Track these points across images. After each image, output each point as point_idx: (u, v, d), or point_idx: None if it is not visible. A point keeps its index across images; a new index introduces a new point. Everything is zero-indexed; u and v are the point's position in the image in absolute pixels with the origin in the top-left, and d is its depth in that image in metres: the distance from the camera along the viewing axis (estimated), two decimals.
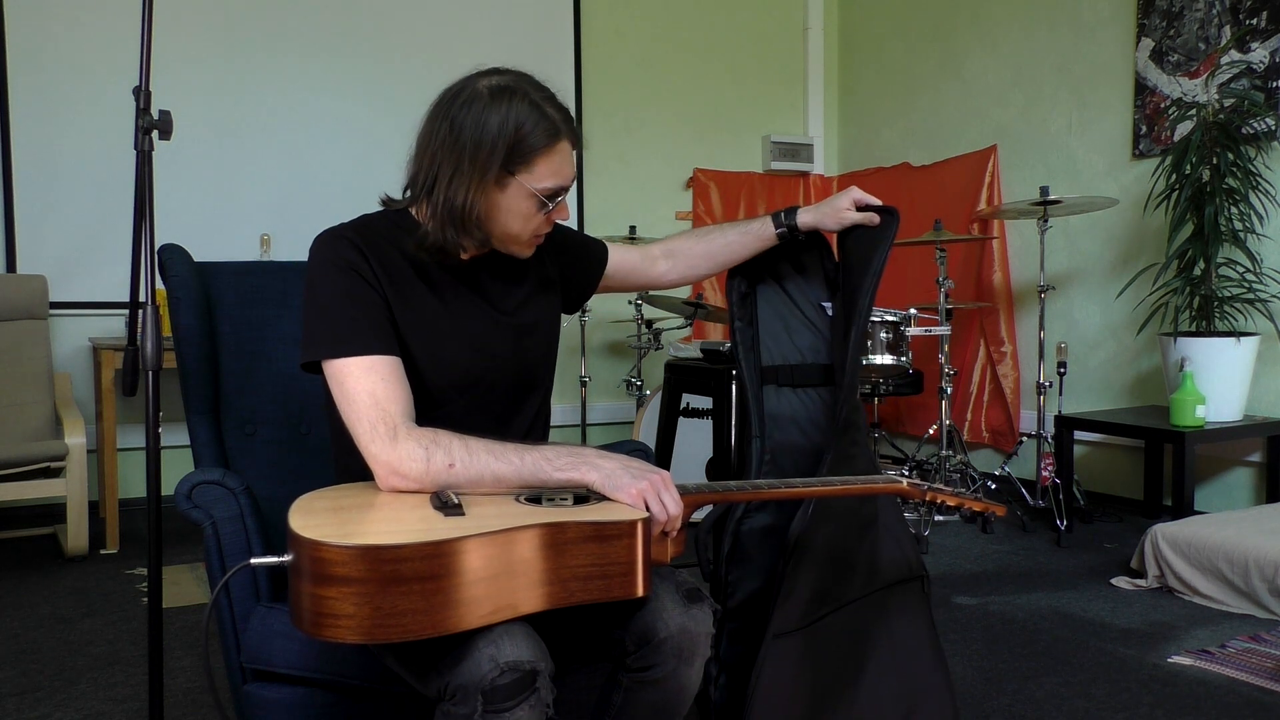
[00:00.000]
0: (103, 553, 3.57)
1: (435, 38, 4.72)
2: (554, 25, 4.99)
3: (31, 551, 3.63)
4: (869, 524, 1.82)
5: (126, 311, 2.73)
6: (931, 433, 4.36)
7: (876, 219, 1.79)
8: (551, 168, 1.40)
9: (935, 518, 3.89)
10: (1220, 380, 3.48)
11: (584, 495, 1.31)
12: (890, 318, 3.17)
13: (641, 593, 1.22)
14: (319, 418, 1.82)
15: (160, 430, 1.59)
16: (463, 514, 1.20)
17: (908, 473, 3.91)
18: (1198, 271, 3.56)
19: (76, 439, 3.46)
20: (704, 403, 3.13)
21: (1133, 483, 4.09)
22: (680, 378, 3.06)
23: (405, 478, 1.29)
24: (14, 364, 3.71)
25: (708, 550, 1.85)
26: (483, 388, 1.49)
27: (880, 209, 1.80)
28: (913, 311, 3.32)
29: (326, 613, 1.09)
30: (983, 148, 4.71)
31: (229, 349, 1.85)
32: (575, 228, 4.17)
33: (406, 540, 1.09)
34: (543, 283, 1.60)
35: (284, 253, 4.24)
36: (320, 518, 1.18)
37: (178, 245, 1.83)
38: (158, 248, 1.74)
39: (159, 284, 1.68)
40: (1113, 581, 3.08)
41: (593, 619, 1.34)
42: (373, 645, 1.31)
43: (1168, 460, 3.85)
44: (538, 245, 1.51)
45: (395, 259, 1.43)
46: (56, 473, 3.44)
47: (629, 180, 5.21)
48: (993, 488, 4.12)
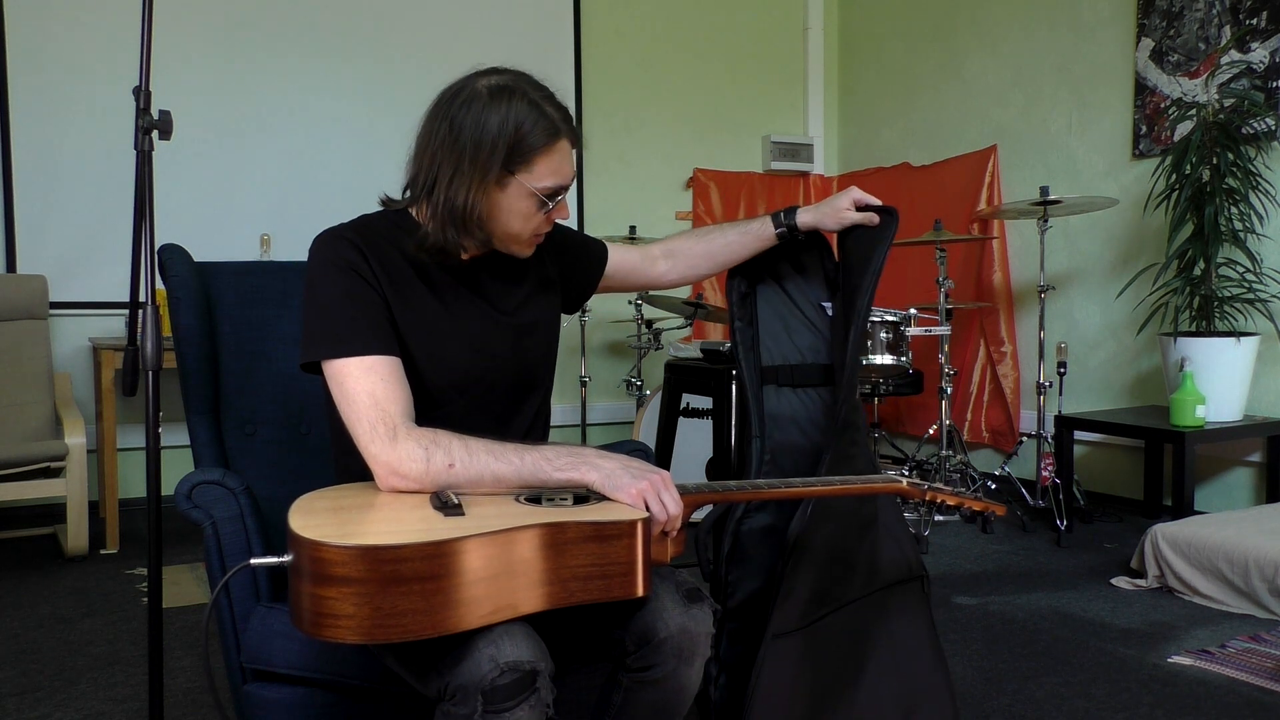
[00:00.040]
0: (103, 553, 3.57)
1: (435, 38, 4.72)
2: (554, 25, 4.99)
3: (31, 551, 3.63)
4: (869, 524, 1.82)
5: (126, 311, 2.73)
6: (931, 433, 4.36)
7: (876, 219, 1.80)
8: (551, 167, 1.40)
9: (935, 518, 3.89)
10: (1220, 380, 3.48)
11: (584, 495, 1.31)
12: (890, 318, 3.17)
13: (641, 593, 1.22)
14: (319, 418, 1.82)
15: (160, 430, 1.59)
16: (463, 514, 1.20)
17: (908, 473, 3.91)
18: (1198, 271, 3.56)
19: (76, 439, 3.46)
20: (704, 403, 3.13)
21: (1133, 483, 4.09)
22: (680, 378, 3.06)
23: (405, 478, 1.29)
24: (14, 364, 3.71)
25: (708, 550, 1.85)
26: (482, 388, 1.49)
27: (880, 209, 1.80)
28: (913, 311, 3.32)
29: (326, 613, 1.09)
30: (983, 148, 4.71)
31: (229, 349, 1.85)
32: (575, 228, 4.17)
33: (406, 540, 1.09)
34: (542, 283, 1.60)
35: (284, 253, 4.24)
36: (320, 518, 1.18)
37: (178, 245, 1.83)
38: (158, 248, 1.74)
39: (159, 284, 1.68)
40: (1113, 581, 3.08)
41: (593, 619, 1.34)
42: (373, 645, 1.31)
43: (1168, 460, 3.85)
44: (538, 245, 1.51)
45: (395, 259, 1.43)
46: (56, 473, 3.44)
47: (629, 180, 5.21)
48: (993, 488, 4.12)
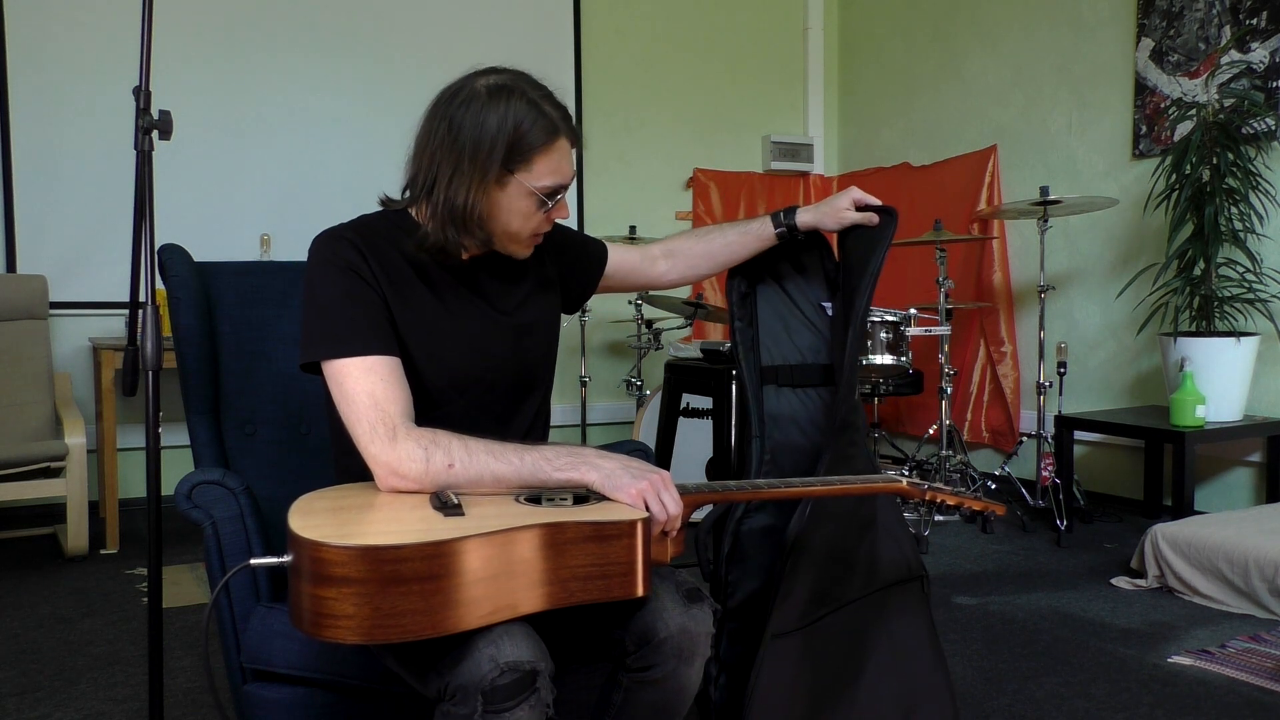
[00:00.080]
0: (103, 553, 3.57)
1: (435, 38, 4.72)
2: (554, 25, 4.99)
3: (31, 551, 3.63)
4: (868, 524, 1.82)
5: (126, 311, 2.73)
6: (931, 433, 4.36)
7: (876, 219, 1.79)
8: (550, 165, 1.40)
9: (935, 517, 3.89)
10: (1220, 380, 3.48)
11: (584, 495, 1.31)
12: (890, 318, 3.17)
13: (641, 593, 1.22)
14: (319, 418, 1.82)
15: (160, 430, 1.59)
16: (462, 514, 1.20)
17: (908, 472, 3.91)
18: (1198, 271, 3.56)
19: (76, 439, 3.46)
20: (704, 403, 3.13)
21: (1133, 483, 4.09)
22: (680, 378, 3.06)
23: (405, 478, 1.29)
24: (14, 364, 3.71)
25: (708, 550, 1.85)
26: (482, 388, 1.49)
27: (879, 209, 1.80)
28: (913, 311, 3.32)
29: (326, 613, 1.09)
30: (983, 148, 4.71)
31: (229, 349, 1.85)
32: (575, 228, 4.17)
33: (406, 540, 1.09)
34: (542, 283, 1.60)
35: (284, 253, 4.24)
36: (320, 518, 1.18)
37: (178, 245, 1.83)
38: (158, 248, 1.74)
39: (159, 284, 1.68)
40: (1113, 581, 3.08)
41: (593, 619, 1.34)
42: (373, 645, 1.31)
43: (1168, 460, 3.85)
44: (537, 245, 1.51)
45: (394, 259, 1.43)
46: (56, 473, 3.44)
47: (629, 180, 5.21)
48: (993, 488, 4.12)
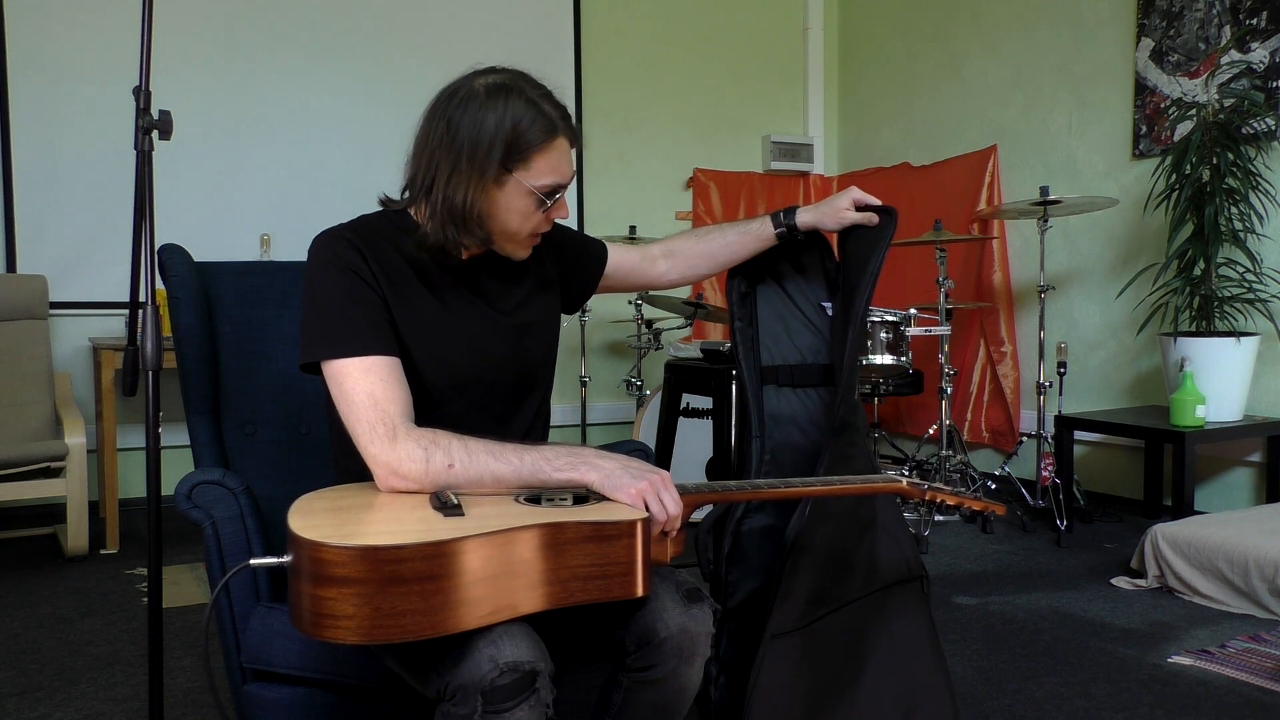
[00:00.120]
0: (103, 553, 3.57)
1: (435, 38, 4.72)
2: (554, 25, 4.99)
3: (31, 551, 3.63)
4: (868, 524, 1.82)
5: (126, 311, 2.73)
6: (931, 433, 4.36)
7: (876, 219, 1.79)
8: (549, 164, 1.40)
9: (935, 517, 3.89)
10: (1220, 380, 3.48)
11: (584, 495, 1.31)
12: (890, 318, 3.17)
13: (641, 593, 1.22)
14: (319, 418, 1.82)
15: (160, 430, 1.59)
16: (462, 514, 1.20)
17: (908, 472, 3.91)
18: (1198, 271, 3.56)
19: (76, 439, 3.46)
20: (704, 403, 3.12)
21: (1133, 483, 4.09)
22: (680, 378, 3.06)
23: (404, 478, 1.29)
24: (14, 364, 3.71)
25: (708, 550, 1.85)
26: (482, 388, 1.49)
27: (879, 209, 1.80)
28: (913, 311, 3.33)
29: (326, 613, 1.09)
30: (983, 148, 4.71)
31: (229, 349, 1.85)
32: (575, 228, 4.17)
33: (406, 541, 1.09)
34: (542, 283, 1.60)
35: (284, 253, 4.24)
36: (320, 518, 1.18)
37: (178, 245, 1.83)
38: (158, 248, 1.74)
39: (159, 284, 1.68)
40: (1113, 581, 3.08)
41: (593, 619, 1.34)
42: (373, 646, 1.31)
43: (1168, 460, 3.85)
44: (536, 245, 1.51)
45: (394, 259, 1.43)
46: (56, 473, 3.44)
47: (629, 180, 5.21)
48: (993, 488, 4.12)
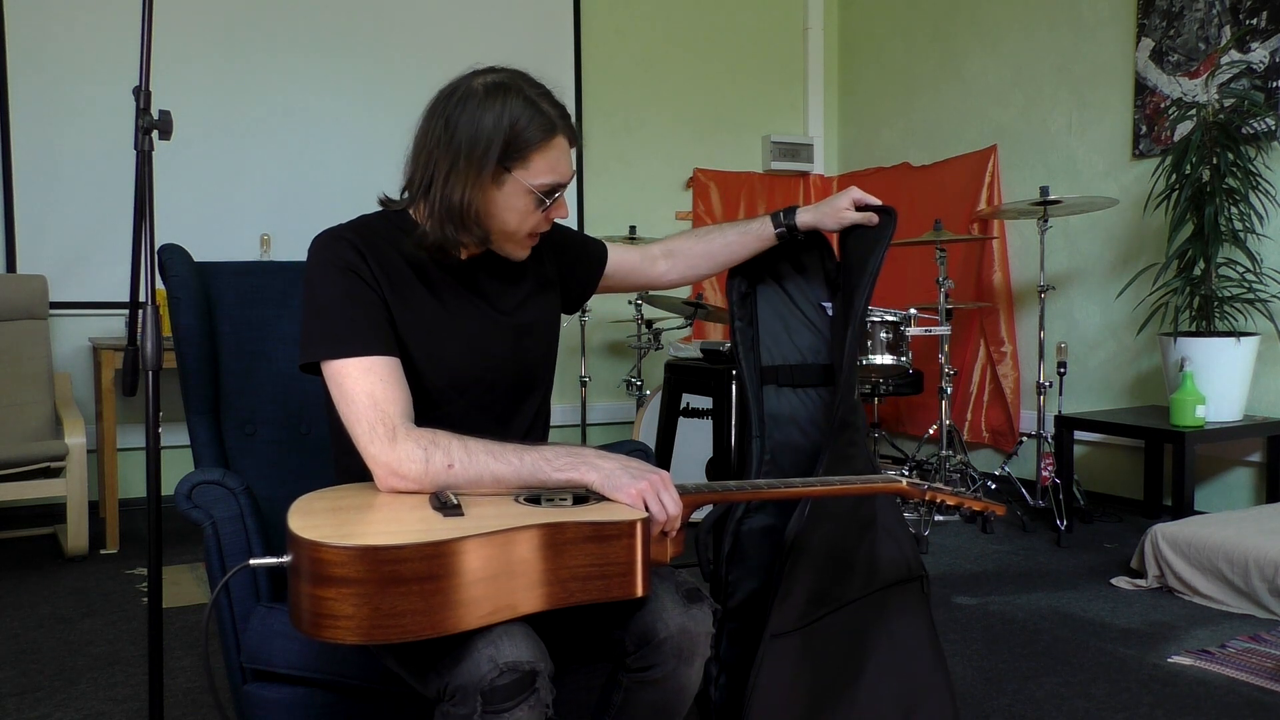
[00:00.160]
0: (103, 553, 3.57)
1: (435, 38, 4.72)
2: (554, 25, 4.99)
3: (31, 551, 3.63)
4: (868, 524, 1.82)
5: (126, 311, 2.73)
6: (931, 433, 4.36)
7: (876, 219, 1.79)
8: (548, 163, 1.40)
9: (935, 518, 3.89)
10: (1220, 380, 3.48)
11: (583, 495, 1.31)
12: (890, 318, 3.17)
13: (641, 593, 1.22)
14: (319, 418, 1.82)
15: (160, 430, 1.59)
16: (462, 514, 1.20)
17: (908, 473, 3.91)
18: (1198, 271, 3.56)
19: (76, 439, 3.46)
20: (704, 403, 3.13)
21: (1133, 483, 4.09)
22: (680, 378, 3.06)
23: (404, 478, 1.29)
24: (14, 364, 3.71)
25: (708, 550, 1.85)
26: (482, 388, 1.49)
27: (879, 209, 1.80)
28: (913, 311, 3.33)
29: (325, 613, 1.09)
30: (983, 148, 4.71)
31: (229, 349, 1.85)
32: (575, 228, 4.17)
33: (406, 541, 1.09)
34: (542, 283, 1.60)
35: (284, 253, 4.24)
36: (319, 518, 1.18)
37: (178, 245, 1.83)
38: (158, 248, 1.74)
39: (159, 284, 1.68)
40: (1113, 581, 3.08)
41: (592, 619, 1.34)
42: (372, 646, 1.31)
43: (1168, 460, 3.85)
44: (535, 245, 1.51)
45: (394, 259, 1.43)
46: (56, 473, 3.44)
47: (629, 180, 5.21)
48: (993, 488, 4.12)
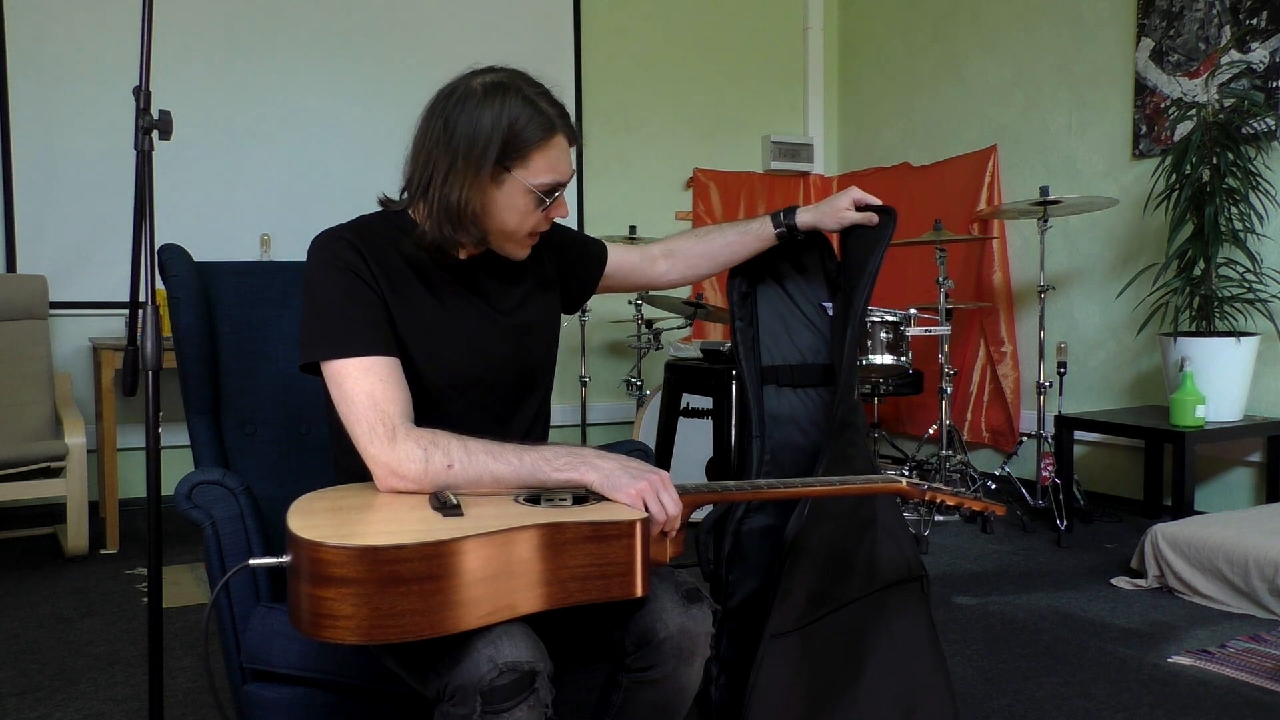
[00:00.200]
0: (103, 553, 3.57)
1: (435, 38, 4.72)
2: (554, 25, 4.99)
3: (31, 551, 3.63)
4: (868, 524, 1.82)
5: (126, 311, 2.73)
6: (931, 433, 4.36)
7: (876, 219, 1.79)
8: (548, 162, 1.40)
9: (935, 518, 3.89)
10: (1220, 380, 3.48)
11: (583, 495, 1.31)
12: (890, 318, 3.17)
13: (640, 593, 1.22)
14: (319, 418, 1.82)
15: (160, 430, 1.59)
16: (461, 515, 1.20)
17: (907, 473, 3.91)
18: (1198, 271, 3.56)
19: (76, 439, 3.46)
20: (704, 403, 3.12)
21: (1133, 483, 4.09)
22: (680, 378, 3.05)
23: (404, 478, 1.29)
24: (14, 364, 3.71)
25: (708, 550, 1.85)
26: (481, 388, 1.49)
27: (879, 209, 1.80)
28: (913, 311, 3.32)
29: (325, 613, 1.09)
30: (983, 148, 4.71)
31: (229, 349, 1.85)
32: (575, 228, 4.17)
33: (405, 541, 1.09)
34: (542, 282, 1.60)
35: (284, 253, 4.24)
36: (319, 518, 1.18)
37: (178, 245, 1.83)
38: (158, 248, 1.74)
39: (159, 284, 1.68)
40: (1113, 581, 3.08)
41: (592, 619, 1.34)
42: (372, 646, 1.31)
43: (1168, 460, 3.85)
44: (535, 245, 1.51)
45: (393, 259, 1.43)
46: (56, 473, 3.44)
47: (629, 180, 5.21)
48: (993, 488, 4.12)
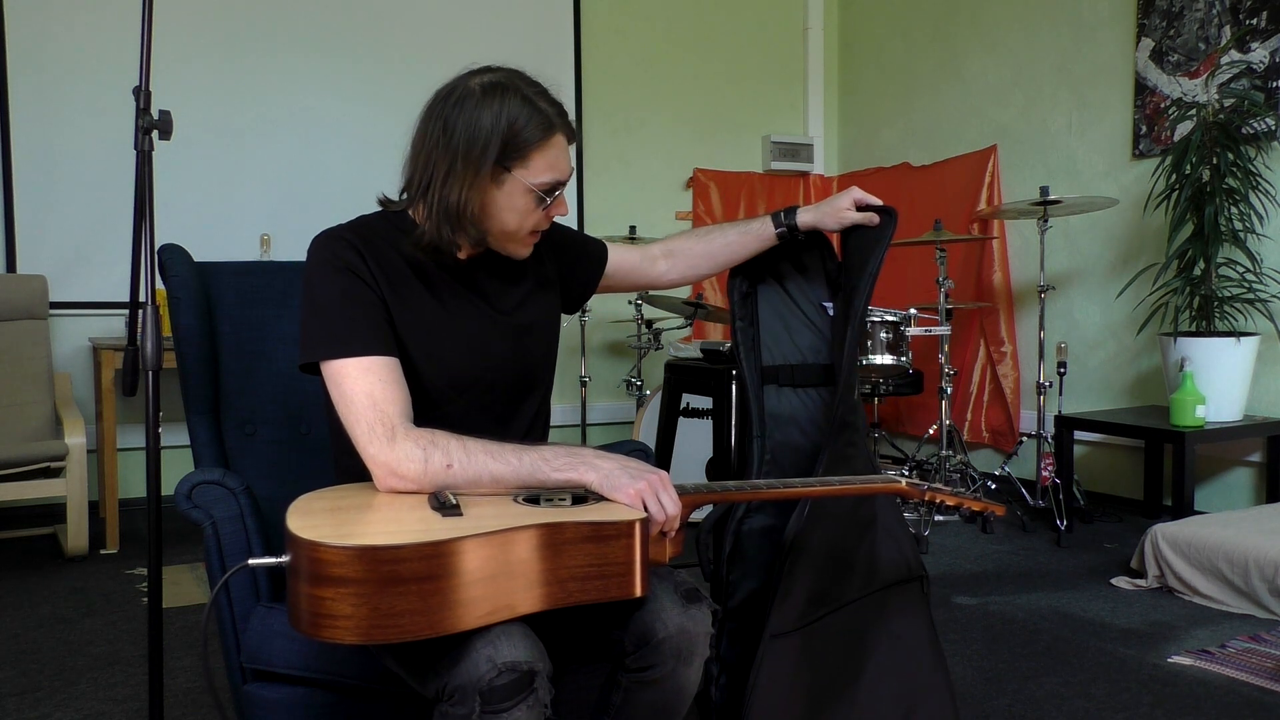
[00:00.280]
0: (103, 553, 3.57)
1: (435, 38, 4.72)
2: (554, 25, 4.99)
3: (31, 551, 3.63)
4: (868, 525, 1.82)
5: (126, 311, 2.73)
6: (931, 433, 4.36)
7: (877, 219, 1.79)
8: (547, 162, 1.40)
9: (935, 518, 3.89)
10: (1220, 380, 3.48)
11: (582, 495, 1.31)
12: (890, 318, 3.17)
13: (639, 593, 1.22)
14: (319, 418, 1.82)
15: (160, 430, 1.59)
16: (461, 514, 1.20)
17: (907, 473, 3.91)
18: (1198, 271, 3.56)
19: (76, 439, 3.46)
20: (704, 403, 3.12)
21: (1133, 483, 4.09)
22: (680, 378, 3.05)
23: (403, 478, 1.29)
24: (14, 364, 3.71)
25: (708, 550, 1.85)
26: (481, 388, 1.49)
27: (880, 209, 1.80)
28: (913, 311, 3.32)
29: (324, 613, 1.09)
30: (983, 148, 4.71)
31: (229, 349, 1.85)
32: (575, 228, 4.17)
33: (404, 541, 1.09)
34: (542, 282, 1.60)
35: (284, 253, 4.24)
36: (318, 518, 1.18)
37: (178, 245, 1.83)
38: (158, 248, 1.74)
39: (159, 284, 1.68)
40: (1113, 581, 3.08)
41: (591, 619, 1.34)
42: (371, 646, 1.31)
43: (1168, 460, 3.85)
44: (536, 245, 1.51)
45: (393, 259, 1.43)
46: (56, 473, 3.44)
47: (629, 180, 5.21)
48: (993, 488, 4.12)
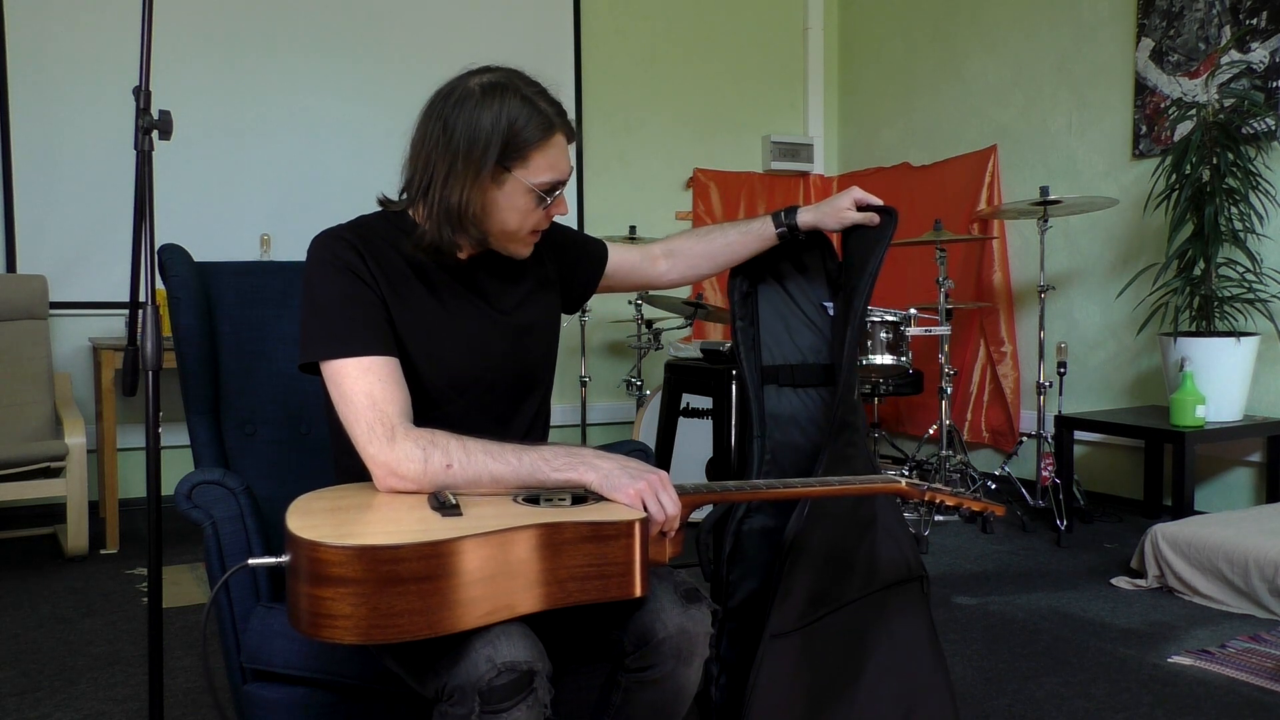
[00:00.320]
0: (103, 553, 3.57)
1: (435, 38, 4.72)
2: (554, 25, 4.99)
3: (31, 551, 3.63)
4: (867, 525, 1.82)
5: (126, 311, 2.73)
6: (931, 433, 4.36)
7: (877, 219, 1.79)
8: (547, 161, 1.40)
9: (935, 518, 3.89)
10: (1220, 380, 3.48)
11: (582, 496, 1.31)
12: (890, 318, 3.17)
13: (639, 593, 1.22)
14: (319, 418, 1.82)
15: (160, 430, 1.59)
16: (460, 514, 1.20)
17: (907, 473, 3.91)
18: (1198, 271, 3.56)
19: (76, 439, 3.46)
20: (704, 403, 3.12)
21: (1133, 483, 4.09)
22: (680, 378, 3.05)
23: (403, 478, 1.29)
24: (14, 364, 3.71)
25: (708, 550, 1.85)
26: (481, 388, 1.49)
27: (880, 209, 1.80)
28: (913, 311, 3.32)
29: (324, 613, 1.09)
30: (983, 148, 4.71)
31: (229, 349, 1.85)
32: (575, 228, 4.17)
33: (404, 541, 1.09)
34: (542, 282, 1.60)
35: (284, 253, 4.24)
36: (318, 518, 1.18)
37: (178, 245, 1.83)
38: (158, 248, 1.74)
39: (159, 284, 1.68)
40: (1113, 581, 3.08)
41: (591, 619, 1.34)
42: (371, 646, 1.31)
43: (1168, 460, 3.85)
44: (536, 245, 1.51)
45: (393, 259, 1.43)
46: (56, 473, 3.44)
47: (629, 180, 5.21)
48: (993, 488, 4.12)
